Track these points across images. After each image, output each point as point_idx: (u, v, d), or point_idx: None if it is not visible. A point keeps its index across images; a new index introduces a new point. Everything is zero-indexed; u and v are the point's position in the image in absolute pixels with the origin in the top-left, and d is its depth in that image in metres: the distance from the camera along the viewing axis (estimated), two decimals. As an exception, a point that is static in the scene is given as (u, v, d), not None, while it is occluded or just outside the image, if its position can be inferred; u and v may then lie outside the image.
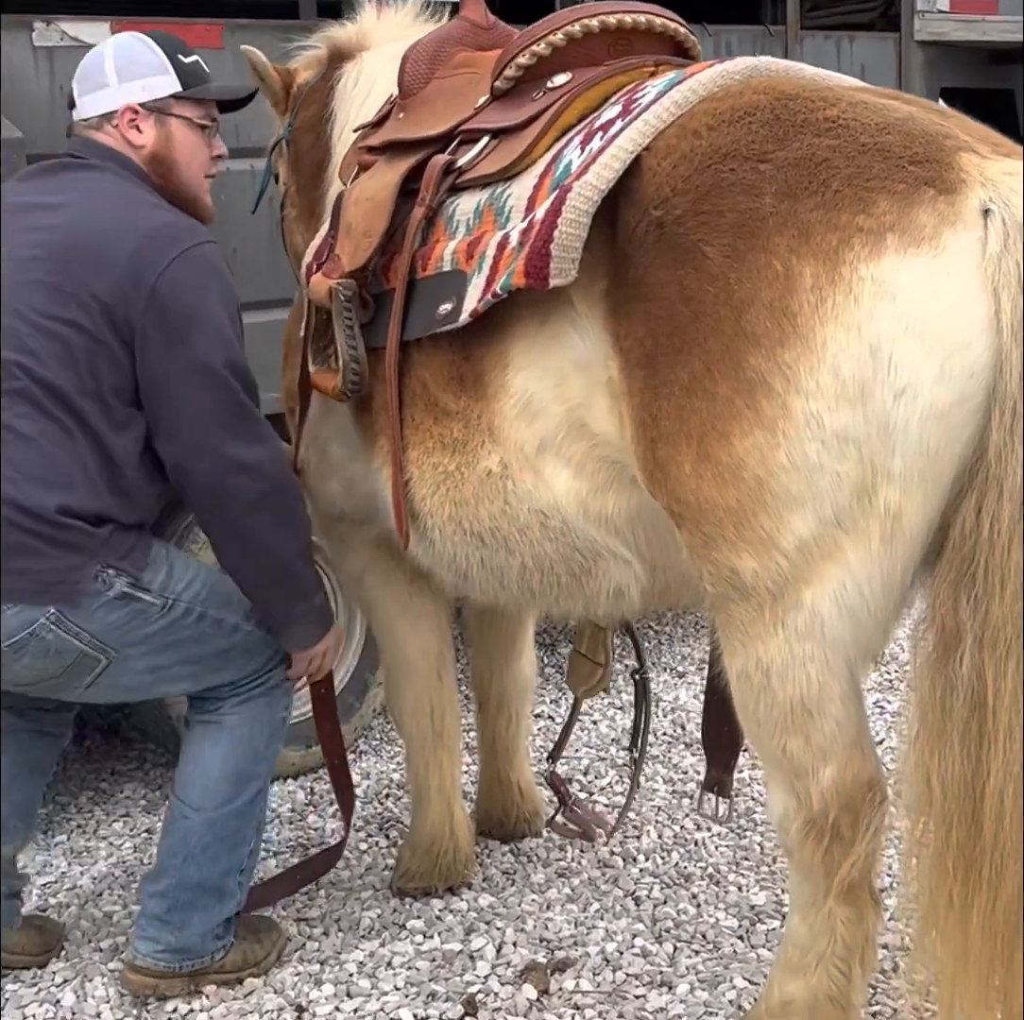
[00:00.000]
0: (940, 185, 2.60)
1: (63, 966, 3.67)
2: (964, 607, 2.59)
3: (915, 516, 2.65)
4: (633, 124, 2.89)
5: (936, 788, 2.64)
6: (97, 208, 3.30)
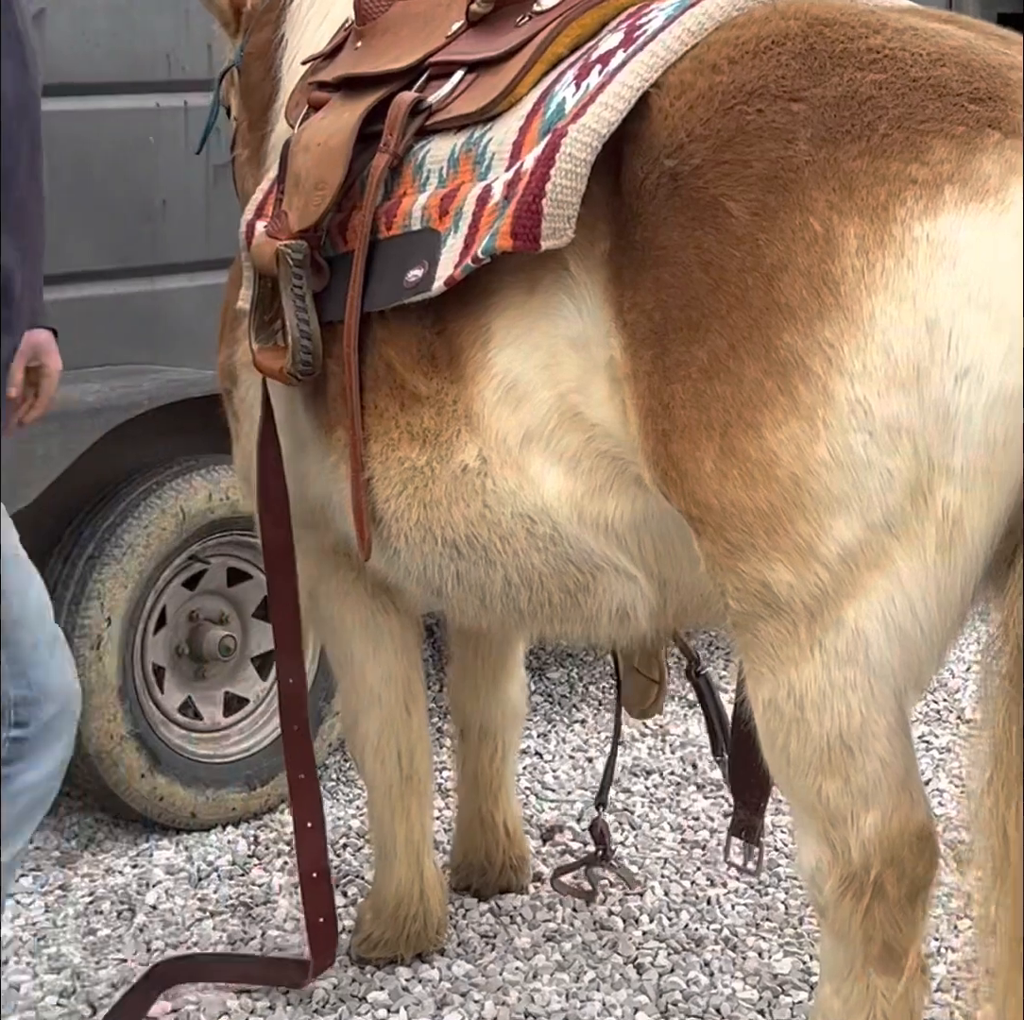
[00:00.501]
0: (1007, 127, 2.58)
1: (-37, 1049, 3.68)
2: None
3: (979, 520, 2.64)
4: (638, 56, 2.86)
5: (1015, 842, 2.61)
6: None
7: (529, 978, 3.88)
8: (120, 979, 3.92)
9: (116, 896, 4.36)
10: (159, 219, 4.86)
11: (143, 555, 4.56)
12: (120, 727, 4.54)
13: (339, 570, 3.75)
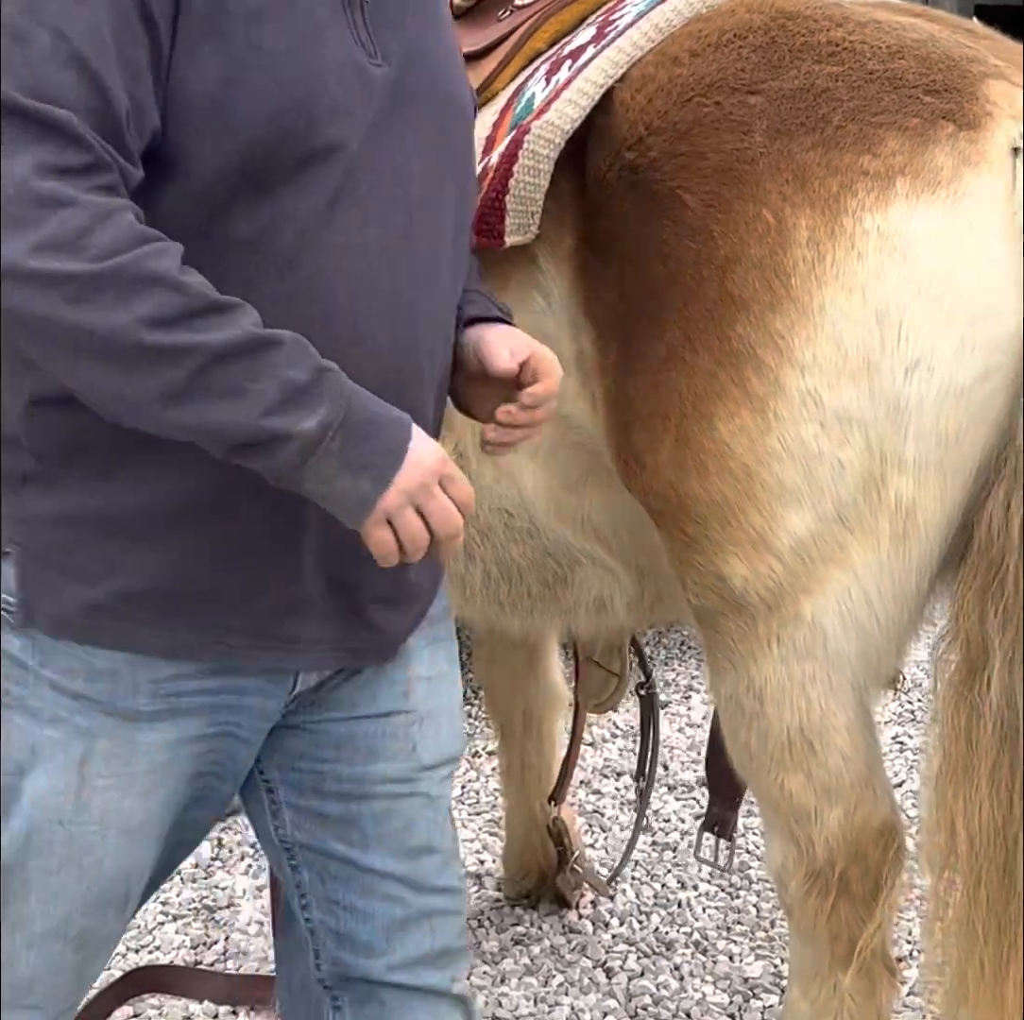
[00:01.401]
0: (961, 119, 2.62)
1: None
2: (992, 621, 2.60)
3: (932, 512, 2.67)
4: (605, 52, 2.92)
5: (962, 835, 2.64)
6: None
7: (497, 982, 3.92)
8: (82, 983, 3.99)
9: (78, 900, 4.42)
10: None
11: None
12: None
13: None
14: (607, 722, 5.17)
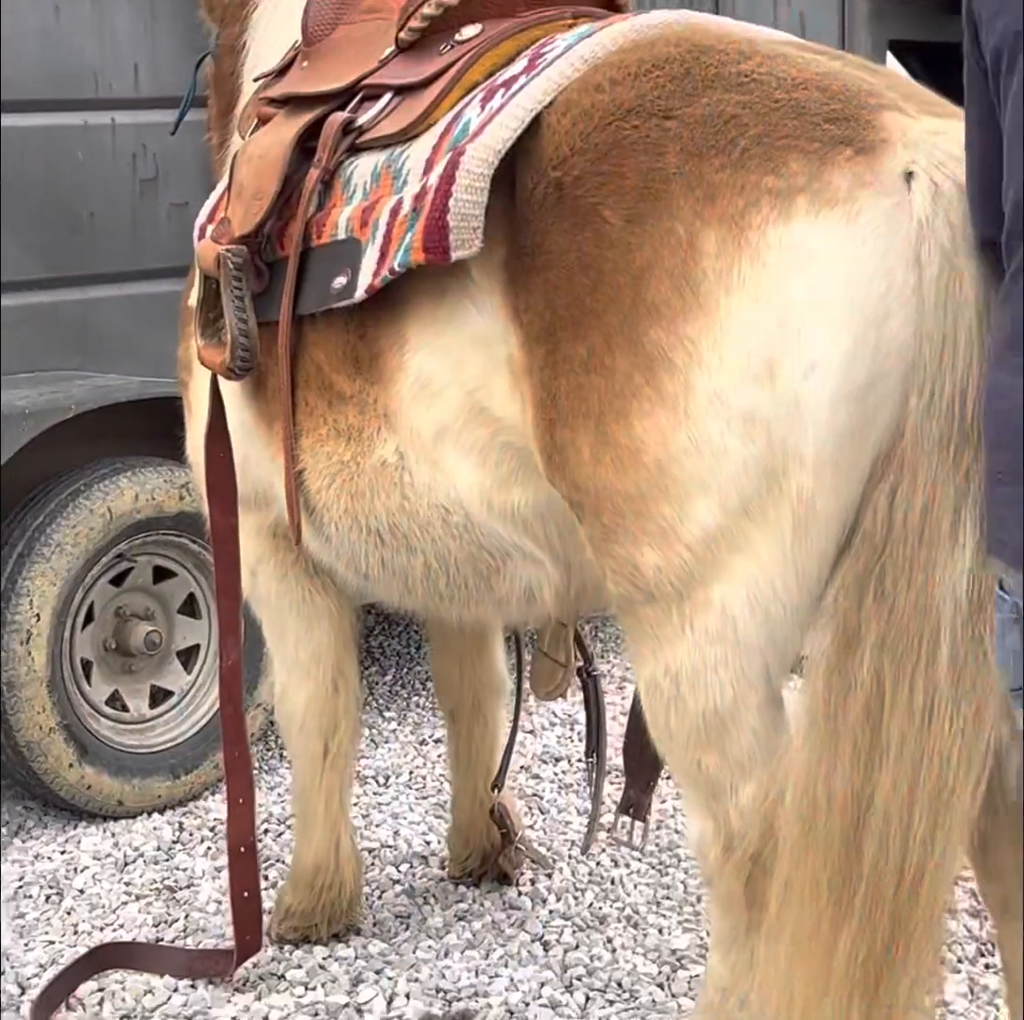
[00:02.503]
0: (858, 145, 2.66)
1: None
2: (868, 603, 2.62)
3: (829, 504, 2.69)
4: (535, 81, 2.95)
5: (821, 798, 2.64)
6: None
7: (440, 956, 3.92)
8: (48, 960, 3.95)
9: (45, 881, 4.38)
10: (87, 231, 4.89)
11: (71, 553, 4.57)
12: (49, 719, 4.56)
13: (278, 551, 3.77)
14: (546, 711, 5.19)
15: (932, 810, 2.59)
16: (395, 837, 4.64)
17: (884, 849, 2.60)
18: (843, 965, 2.62)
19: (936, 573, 2.58)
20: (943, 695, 2.58)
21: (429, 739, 5.28)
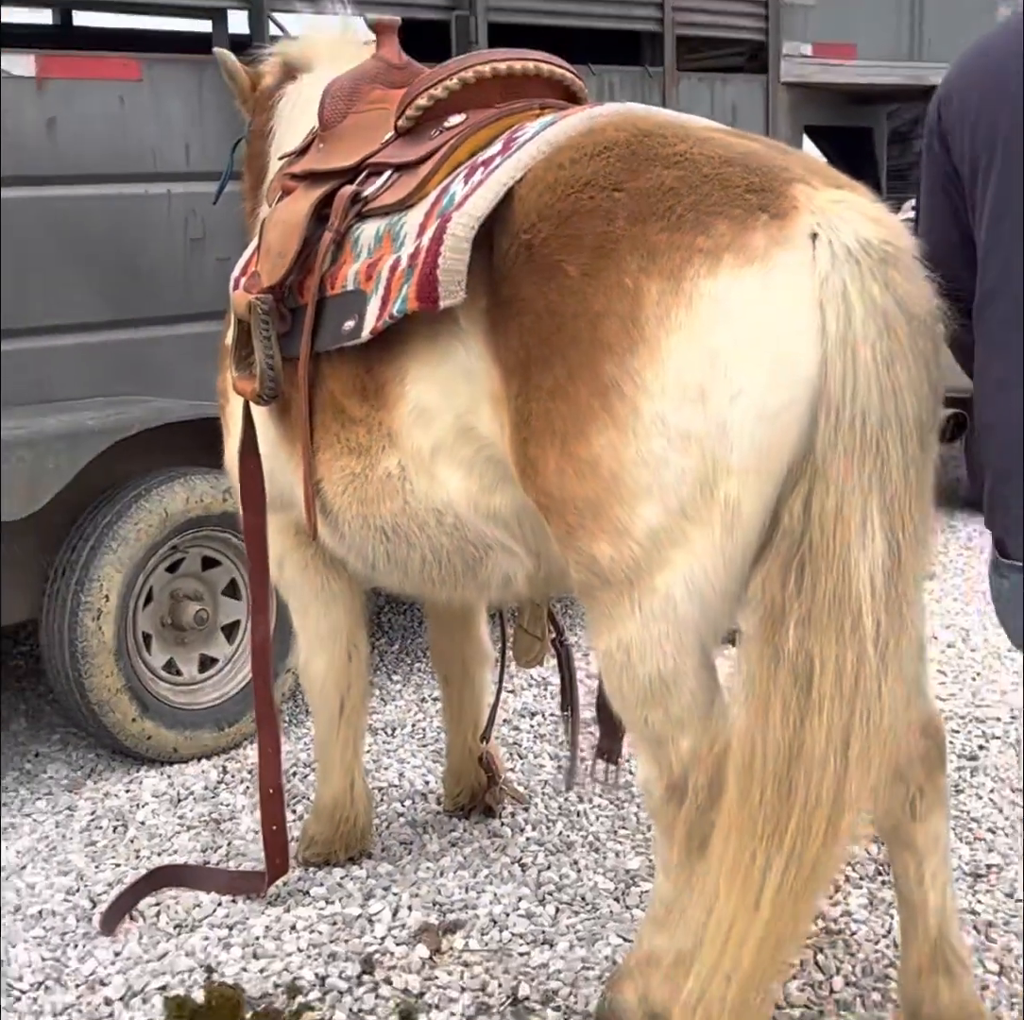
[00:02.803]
0: (773, 211, 2.66)
1: (-12, 932, 3.71)
2: (791, 588, 2.61)
3: (752, 506, 2.70)
4: (509, 160, 2.96)
5: (759, 750, 2.63)
6: None
7: (437, 875, 3.92)
8: (115, 880, 3.95)
9: (112, 815, 4.39)
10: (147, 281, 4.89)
11: (134, 546, 4.57)
12: (116, 682, 4.56)
13: (301, 546, 3.75)
14: (524, 674, 5.19)
15: (862, 760, 2.59)
16: (400, 778, 4.63)
17: (812, 795, 2.58)
18: (773, 889, 2.61)
19: (852, 561, 2.58)
20: (871, 662, 2.59)
21: (429, 697, 5.27)
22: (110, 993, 3.42)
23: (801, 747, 2.60)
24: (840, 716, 2.59)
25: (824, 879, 2.65)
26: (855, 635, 2.58)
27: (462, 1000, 3.35)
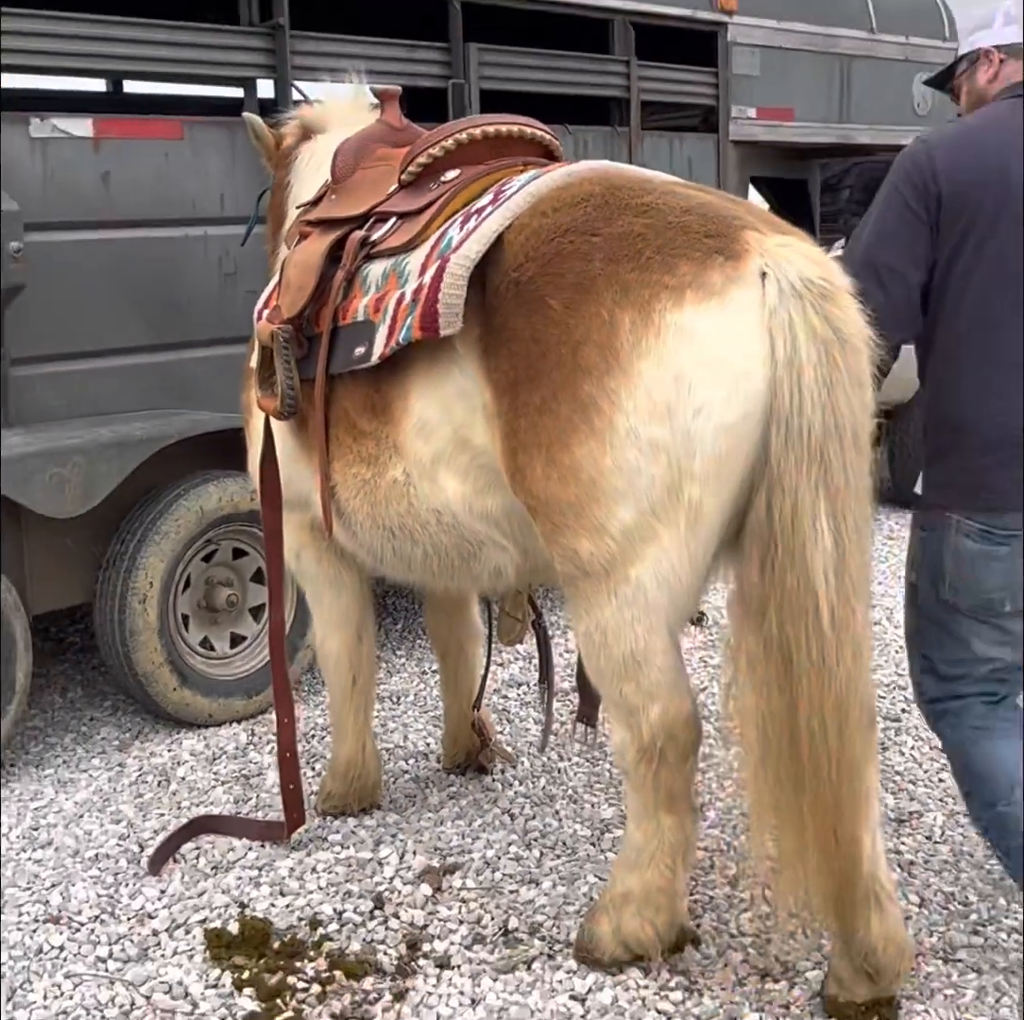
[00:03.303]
0: (728, 253, 2.68)
1: (50, 872, 3.69)
2: (767, 582, 2.65)
3: (712, 507, 2.71)
4: (498, 210, 2.96)
5: (767, 720, 2.69)
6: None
7: (437, 824, 3.91)
8: (160, 827, 3.95)
9: (156, 771, 4.37)
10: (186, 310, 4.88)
11: (174, 539, 4.55)
12: (159, 656, 4.55)
13: (316, 541, 3.72)
14: (511, 650, 5.16)
15: (836, 719, 2.66)
16: (404, 740, 4.62)
17: (814, 746, 2.67)
18: (811, 822, 2.71)
19: (808, 556, 2.62)
20: (828, 643, 2.64)
21: (428, 670, 5.25)
22: (157, 925, 3.41)
23: (795, 712, 2.66)
24: (816, 686, 2.65)
25: (847, 805, 2.72)
26: (816, 619, 2.63)
27: (460, 931, 3.34)
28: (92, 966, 3.23)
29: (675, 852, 3.01)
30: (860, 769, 2.73)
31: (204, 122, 4.99)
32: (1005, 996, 3.03)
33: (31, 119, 4.47)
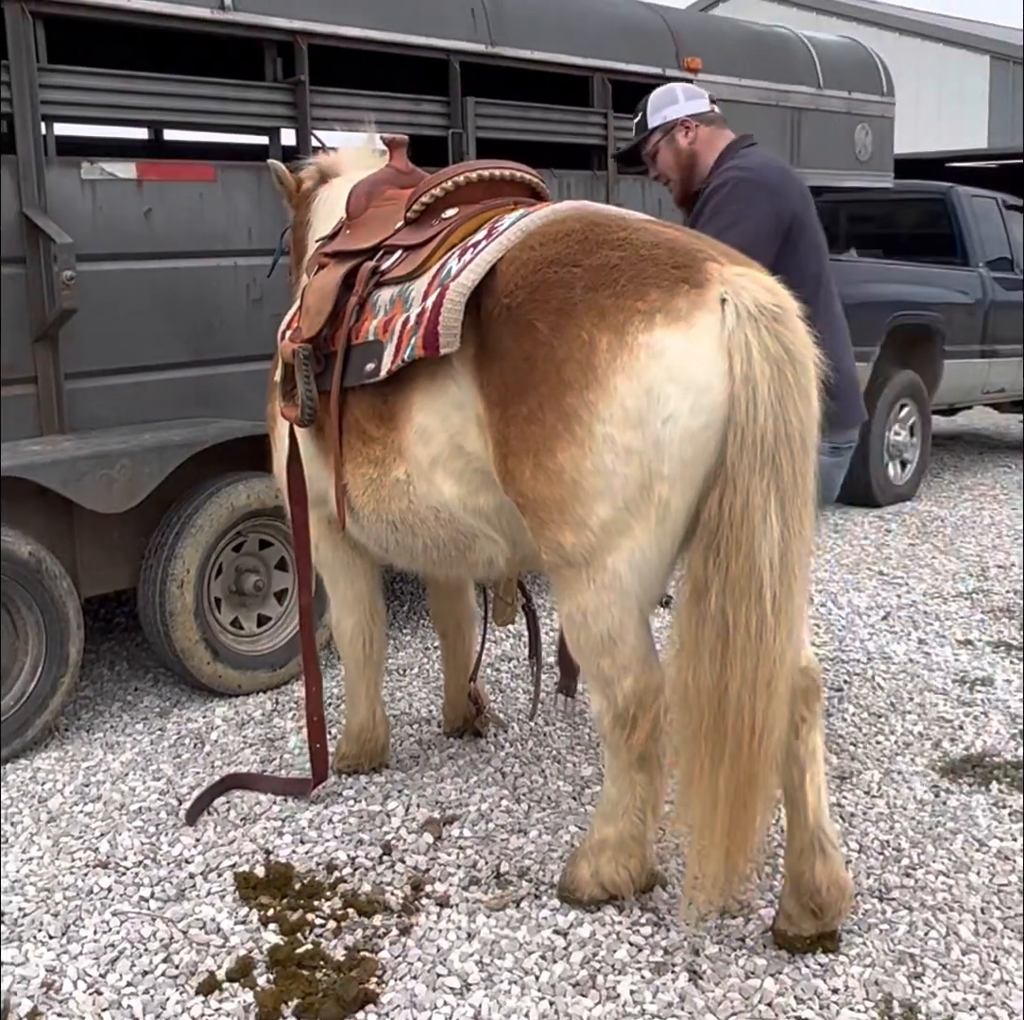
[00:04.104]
0: (692, 282, 2.68)
1: (99, 823, 3.69)
2: (711, 566, 2.63)
3: (678, 504, 2.71)
4: (492, 244, 2.96)
5: (692, 691, 2.66)
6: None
7: (438, 781, 3.91)
8: (195, 784, 3.94)
9: (192, 735, 4.37)
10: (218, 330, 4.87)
11: (208, 532, 4.55)
12: (194, 634, 4.54)
13: (332, 533, 3.70)
14: (503, 629, 5.15)
15: (765, 693, 2.63)
16: (410, 708, 4.61)
17: (740, 718, 2.63)
18: (723, 792, 2.66)
19: (756, 547, 2.60)
20: (769, 623, 2.61)
21: (431, 646, 5.24)
22: (192, 869, 3.41)
23: (726, 686, 2.62)
24: (751, 662, 2.62)
25: (760, 779, 2.67)
26: (758, 602, 2.61)
27: (458, 875, 3.34)
28: (136, 905, 3.24)
29: (645, 805, 3.01)
30: (782, 739, 2.71)
31: (234, 166, 4.96)
32: (932, 930, 3.05)
33: (82, 163, 4.46)
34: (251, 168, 4.92)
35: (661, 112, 3.78)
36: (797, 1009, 2.75)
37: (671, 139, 3.79)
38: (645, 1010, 2.75)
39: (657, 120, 3.78)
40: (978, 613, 5.65)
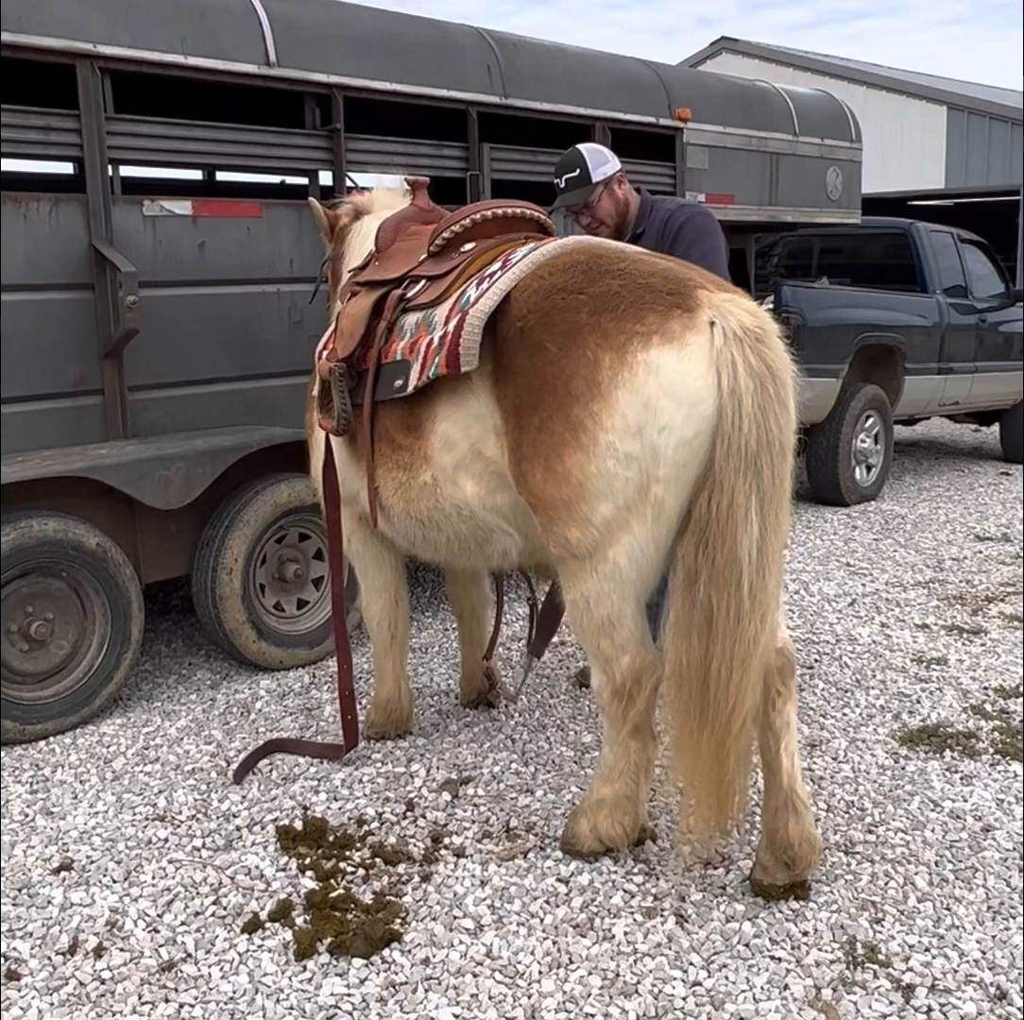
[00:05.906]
0: (684, 307, 2.68)
1: (157, 781, 3.70)
2: (700, 558, 2.63)
3: (672, 503, 2.71)
4: (506, 274, 2.96)
5: (684, 667, 2.68)
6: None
7: (454, 746, 3.90)
8: (242, 747, 3.95)
9: (239, 704, 4.37)
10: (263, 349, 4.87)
11: (254, 525, 4.54)
12: (241, 616, 4.55)
13: (363, 528, 3.71)
14: (514, 613, 5.16)
15: (740, 669, 2.64)
16: (431, 682, 4.61)
17: (719, 690, 2.64)
18: (707, 753, 2.68)
19: (738, 541, 2.60)
20: (746, 609, 2.61)
21: (450, 628, 5.25)
22: (239, 823, 3.41)
23: (710, 663, 2.63)
24: (729, 641, 2.62)
25: (733, 740, 2.68)
26: (737, 589, 2.61)
27: (473, 829, 3.34)
28: (189, 854, 3.25)
29: (639, 769, 3.02)
30: (754, 709, 2.72)
31: (277, 204, 4.97)
32: (892, 880, 3.05)
33: (144, 201, 4.48)
34: (293, 206, 4.93)
35: (600, 169, 3.99)
36: (771, 949, 2.75)
37: (611, 191, 4.01)
38: (637, 949, 2.76)
39: (599, 176, 3.99)
40: (934, 600, 5.64)
